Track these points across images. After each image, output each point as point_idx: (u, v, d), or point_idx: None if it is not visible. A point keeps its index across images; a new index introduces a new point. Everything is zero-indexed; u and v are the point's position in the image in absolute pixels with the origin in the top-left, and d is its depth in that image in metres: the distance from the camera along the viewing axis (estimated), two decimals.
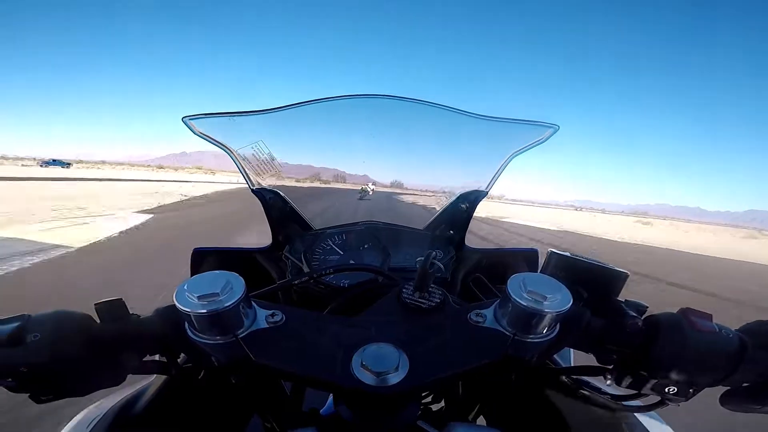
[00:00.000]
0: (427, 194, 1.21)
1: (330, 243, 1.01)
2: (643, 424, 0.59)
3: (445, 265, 0.98)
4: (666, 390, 0.49)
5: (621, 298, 0.59)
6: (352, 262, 0.98)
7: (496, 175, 0.98)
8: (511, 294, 0.47)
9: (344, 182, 1.28)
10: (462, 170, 1.08)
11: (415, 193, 1.27)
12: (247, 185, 0.94)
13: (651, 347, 0.49)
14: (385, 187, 1.25)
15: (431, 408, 0.79)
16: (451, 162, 1.12)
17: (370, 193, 1.28)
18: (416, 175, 1.19)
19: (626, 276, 0.60)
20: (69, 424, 0.60)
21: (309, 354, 0.46)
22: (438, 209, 1.10)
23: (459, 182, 1.08)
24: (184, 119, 0.81)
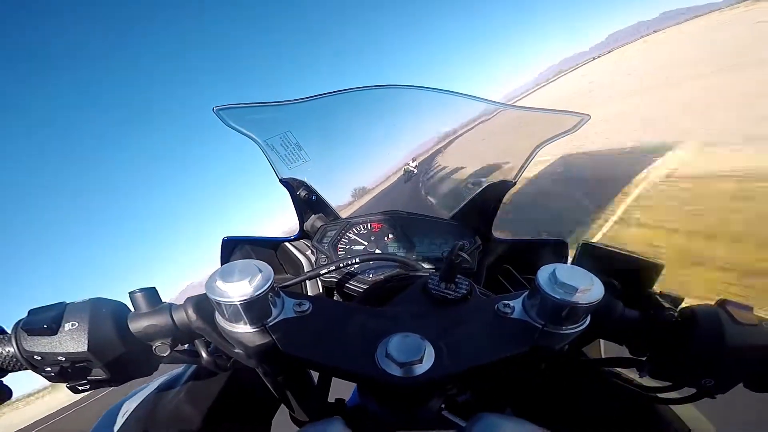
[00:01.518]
0: None
1: (355, 232, 1.02)
2: (679, 417, 0.58)
3: (471, 256, 0.97)
4: (703, 382, 0.48)
5: (656, 289, 0.57)
6: (377, 251, 0.98)
7: (524, 166, 0.96)
8: (541, 285, 0.46)
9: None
10: (489, 160, 1.07)
11: None
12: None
13: (687, 340, 0.47)
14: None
15: (457, 399, 0.79)
16: (479, 152, 1.11)
17: (414, 171, 1.25)
18: (444, 166, 1.18)
19: (662, 267, 0.58)
20: (105, 412, 0.62)
21: (335, 344, 0.47)
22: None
23: (486, 172, 1.06)
24: (216, 110, 0.83)
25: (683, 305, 0.53)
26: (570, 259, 0.66)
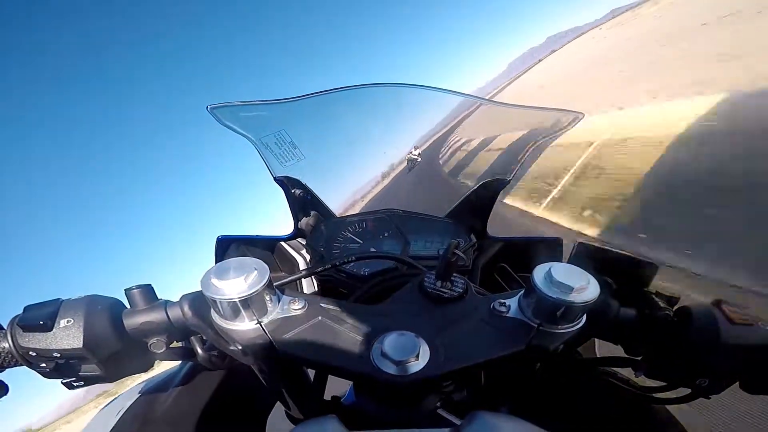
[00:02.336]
0: None
1: (351, 231, 1.01)
2: (674, 417, 0.58)
3: (466, 254, 0.97)
4: (698, 382, 0.48)
5: (651, 288, 0.57)
6: (373, 250, 0.98)
7: (519, 163, 0.96)
8: (537, 284, 0.46)
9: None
10: (484, 158, 1.07)
11: None
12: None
13: (683, 339, 0.48)
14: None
15: (453, 397, 0.79)
16: (474, 149, 1.11)
17: (418, 159, 1.24)
18: (439, 163, 1.18)
19: (657, 267, 0.58)
20: (101, 410, 0.62)
21: (330, 342, 0.47)
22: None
23: (481, 170, 1.06)
24: (210, 108, 0.82)
25: (678, 305, 0.53)
26: (565, 258, 0.67)
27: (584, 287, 0.45)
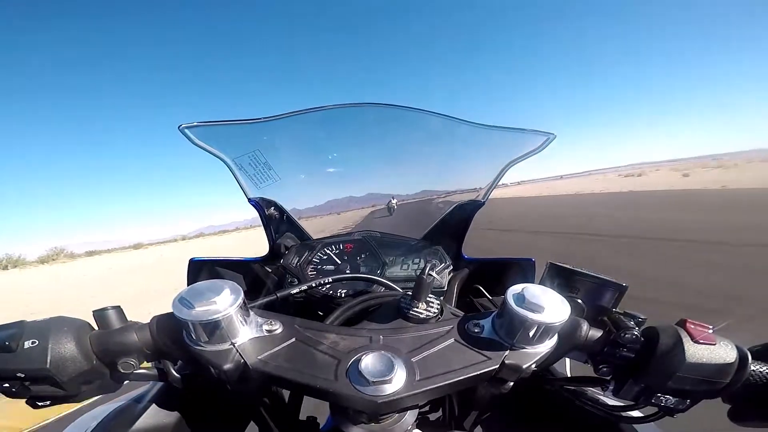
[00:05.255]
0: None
1: (327, 252, 1.01)
2: None
3: (441, 275, 0.98)
4: (664, 401, 0.49)
5: (619, 309, 0.59)
6: (348, 272, 0.97)
7: (493, 185, 0.98)
8: (510, 304, 0.47)
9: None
10: (458, 179, 1.08)
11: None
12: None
13: (649, 359, 0.49)
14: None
15: (429, 417, 0.78)
16: (448, 171, 1.12)
17: (395, 208, 1.25)
18: (413, 184, 1.19)
19: (625, 288, 0.60)
20: (67, 429, 0.59)
21: (305, 362, 0.46)
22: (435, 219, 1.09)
23: (455, 191, 1.08)
24: (182, 128, 0.81)
25: (645, 325, 0.54)
26: (538, 279, 0.68)
27: (555, 308, 0.46)
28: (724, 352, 0.47)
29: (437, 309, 0.56)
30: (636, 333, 0.51)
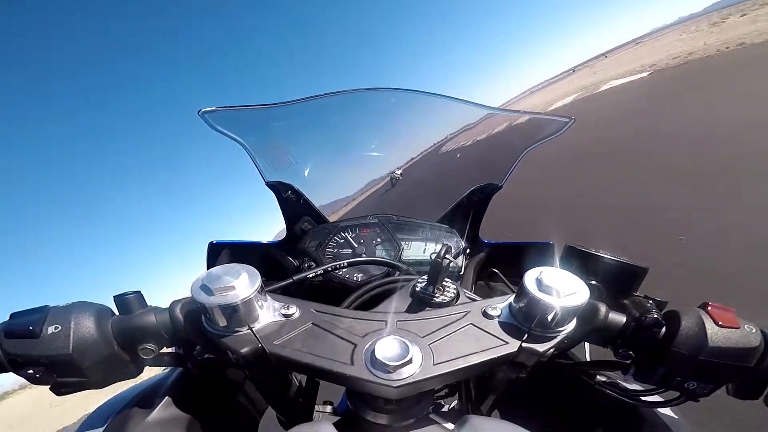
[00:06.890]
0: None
1: (344, 236, 1.01)
2: (663, 420, 0.58)
3: (458, 259, 0.97)
4: (686, 386, 0.49)
5: (640, 293, 0.58)
6: (364, 255, 0.98)
7: (511, 169, 0.97)
8: (527, 288, 0.46)
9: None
10: (477, 163, 1.07)
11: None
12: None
13: (671, 343, 0.48)
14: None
15: (445, 401, 0.78)
16: (466, 154, 1.11)
17: (400, 178, 1.25)
18: (432, 169, 1.18)
19: (645, 270, 0.59)
20: (88, 415, 0.61)
21: (322, 347, 0.47)
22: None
23: (474, 175, 1.06)
24: (201, 113, 0.82)
25: (667, 308, 0.53)
26: (556, 262, 0.67)
27: (573, 291, 0.45)
28: (748, 337, 0.46)
29: (454, 293, 0.56)
30: (658, 317, 0.50)
